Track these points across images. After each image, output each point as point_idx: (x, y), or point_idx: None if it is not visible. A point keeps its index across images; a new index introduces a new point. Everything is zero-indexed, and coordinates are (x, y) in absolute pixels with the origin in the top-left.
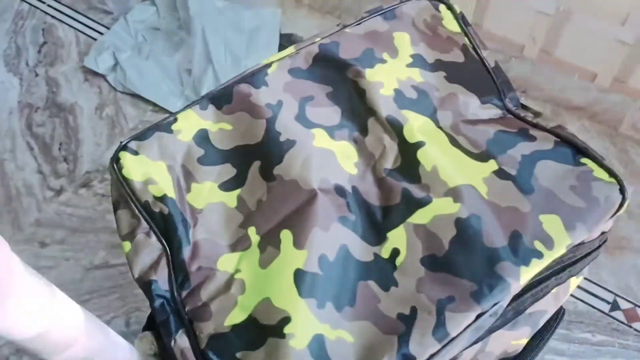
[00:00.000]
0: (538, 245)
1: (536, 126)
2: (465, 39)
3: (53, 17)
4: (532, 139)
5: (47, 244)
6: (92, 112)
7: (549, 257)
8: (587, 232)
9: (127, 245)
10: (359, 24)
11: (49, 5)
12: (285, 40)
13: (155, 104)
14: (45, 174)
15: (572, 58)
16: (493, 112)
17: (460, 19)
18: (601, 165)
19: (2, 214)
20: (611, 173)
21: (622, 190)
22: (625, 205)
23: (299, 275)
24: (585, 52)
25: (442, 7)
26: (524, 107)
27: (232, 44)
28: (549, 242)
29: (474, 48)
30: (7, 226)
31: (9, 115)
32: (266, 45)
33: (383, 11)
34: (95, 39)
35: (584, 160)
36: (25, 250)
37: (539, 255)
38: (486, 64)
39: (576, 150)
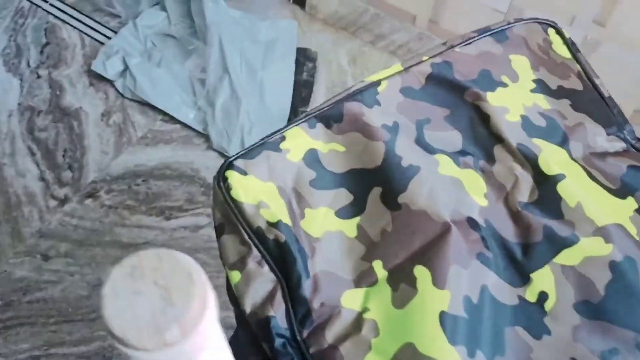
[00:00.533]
0: None
1: None
2: (578, 65)
3: (56, 17)
4: None
5: (50, 256)
6: (98, 119)
7: None
8: None
9: (236, 275)
10: (468, 43)
11: (51, 5)
12: (301, 55)
13: (165, 113)
14: (49, 181)
15: None
16: (618, 144)
17: (571, 44)
18: None
19: (0, 223)
20: None
21: None
22: None
23: (444, 319)
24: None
25: (550, 30)
26: None
27: (249, 54)
28: None
29: (586, 76)
30: (6, 236)
31: (9, 118)
32: (282, 57)
33: (492, 31)
34: (101, 43)
35: None
36: (26, 262)
37: None
38: (602, 93)
39: None
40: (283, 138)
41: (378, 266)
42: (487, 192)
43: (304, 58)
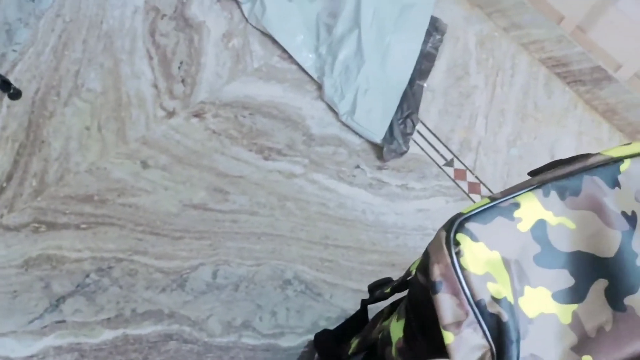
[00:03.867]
0: None
1: None
2: None
3: None
4: None
5: (149, 165)
6: (218, 38)
7: None
8: None
9: (449, 337)
10: None
11: None
12: (430, 24)
13: (284, 50)
14: (161, 90)
15: None
16: None
17: None
18: None
19: (109, 119)
20: None
21: None
22: None
23: None
24: None
25: None
26: None
27: (383, 14)
28: None
29: None
30: (111, 134)
31: (133, 14)
32: (415, 25)
33: None
34: None
35: None
36: (126, 165)
37: None
38: None
39: None
40: (517, 204)
41: None
42: None
43: (432, 28)
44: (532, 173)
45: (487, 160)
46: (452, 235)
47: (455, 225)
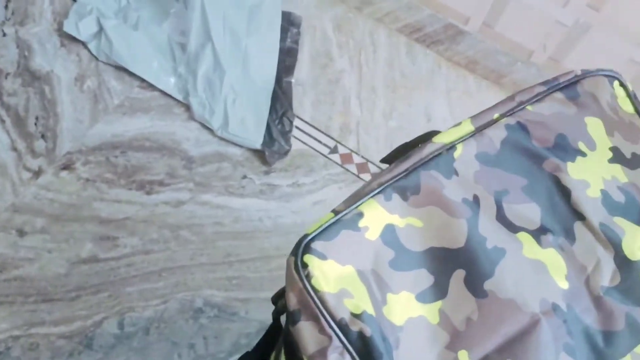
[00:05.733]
0: None
1: None
2: None
3: None
4: None
5: (26, 232)
6: (71, 83)
7: None
8: None
9: None
10: (539, 100)
11: None
12: (284, 20)
13: (142, 79)
14: (21, 151)
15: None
16: None
17: (634, 97)
18: None
19: None
20: None
21: None
22: None
23: None
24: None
25: (615, 83)
26: None
27: (232, 20)
28: None
29: None
30: None
31: None
32: (267, 24)
33: (561, 85)
34: None
35: None
36: (1, 239)
37: None
38: None
39: None
40: (361, 214)
41: (464, 356)
42: (567, 274)
43: (288, 23)
44: (384, 160)
45: (369, 139)
46: (299, 258)
47: (301, 247)
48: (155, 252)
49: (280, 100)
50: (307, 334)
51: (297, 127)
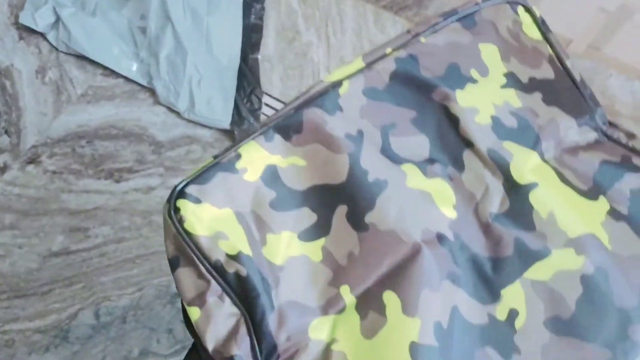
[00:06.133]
0: None
1: (635, 151)
2: (549, 48)
3: None
4: (637, 169)
5: None
6: (32, 76)
7: None
8: None
9: (196, 312)
10: (434, 31)
11: None
12: None
13: (105, 67)
14: None
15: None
16: (589, 135)
17: (541, 23)
18: None
19: None
20: None
21: None
22: None
23: (415, 350)
24: (563, 19)
25: (520, 9)
26: (611, 123)
27: (192, 0)
28: None
29: (558, 58)
30: None
31: None
32: (229, 1)
33: (460, 16)
34: None
35: None
36: None
37: None
38: (573, 77)
39: None
40: (238, 156)
41: (346, 292)
42: (456, 203)
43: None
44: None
45: None
46: (172, 204)
47: (175, 193)
48: (128, 240)
49: (248, 78)
50: (186, 279)
51: (266, 104)
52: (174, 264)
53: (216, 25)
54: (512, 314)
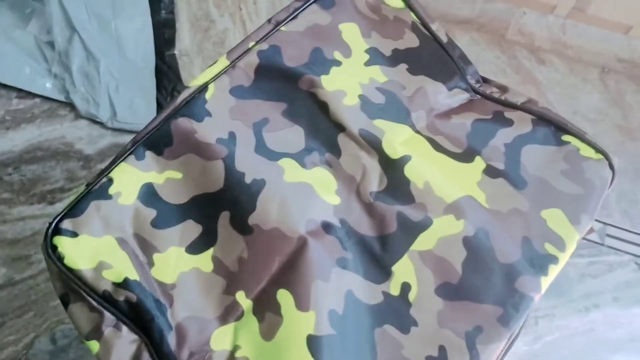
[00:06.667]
0: (550, 249)
1: (507, 105)
2: (412, 14)
3: None
4: (510, 123)
5: None
6: None
7: (563, 259)
8: (591, 220)
9: (95, 345)
10: (294, 17)
11: None
12: None
13: (19, 89)
14: None
15: None
16: (462, 96)
17: None
18: (584, 140)
19: None
20: (597, 149)
21: (611, 165)
22: (615, 179)
23: (313, 343)
24: None
25: None
26: (485, 79)
27: (95, 5)
28: (559, 243)
29: (422, 24)
30: None
31: None
32: (133, 1)
33: None
34: None
35: (565, 137)
36: None
37: (554, 260)
38: (439, 40)
39: (555, 127)
40: (110, 181)
41: (241, 297)
42: (337, 189)
43: None
44: None
45: None
46: (48, 242)
47: (50, 230)
48: None
49: (167, 76)
50: (79, 315)
51: None
52: (64, 301)
53: (125, 27)
54: (405, 288)
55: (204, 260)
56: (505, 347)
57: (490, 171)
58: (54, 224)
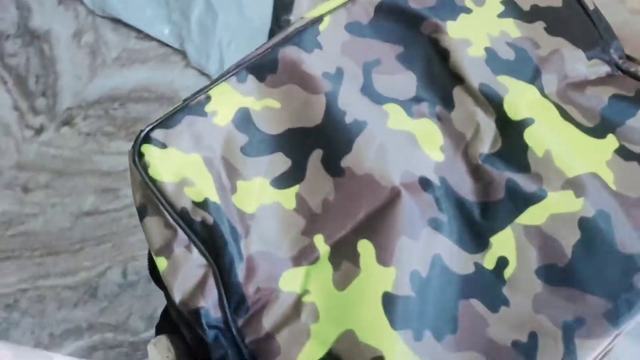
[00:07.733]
0: None
1: None
2: None
3: None
4: None
5: (30, 189)
6: (69, 40)
7: None
8: None
9: (163, 262)
10: None
11: None
12: None
13: (139, 30)
14: (23, 110)
15: None
16: (601, 68)
17: None
18: None
19: None
20: None
21: None
22: None
23: (388, 301)
24: None
25: None
26: (630, 57)
27: None
28: None
29: None
30: None
31: None
32: None
33: None
34: None
35: None
36: (7, 196)
37: None
38: (585, 5)
39: None
40: (208, 98)
41: (319, 241)
42: (443, 145)
43: None
44: None
45: None
46: (136, 149)
47: (140, 138)
48: None
49: None
50: (153, 229)
51: None
52: (141, 213)
53: None
54: (501, 263)
55: (288, 197)
56: (607, 348)
57: (624, 152)
58: (145, 131)
